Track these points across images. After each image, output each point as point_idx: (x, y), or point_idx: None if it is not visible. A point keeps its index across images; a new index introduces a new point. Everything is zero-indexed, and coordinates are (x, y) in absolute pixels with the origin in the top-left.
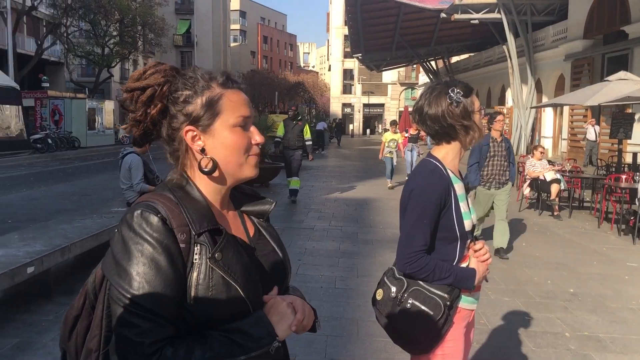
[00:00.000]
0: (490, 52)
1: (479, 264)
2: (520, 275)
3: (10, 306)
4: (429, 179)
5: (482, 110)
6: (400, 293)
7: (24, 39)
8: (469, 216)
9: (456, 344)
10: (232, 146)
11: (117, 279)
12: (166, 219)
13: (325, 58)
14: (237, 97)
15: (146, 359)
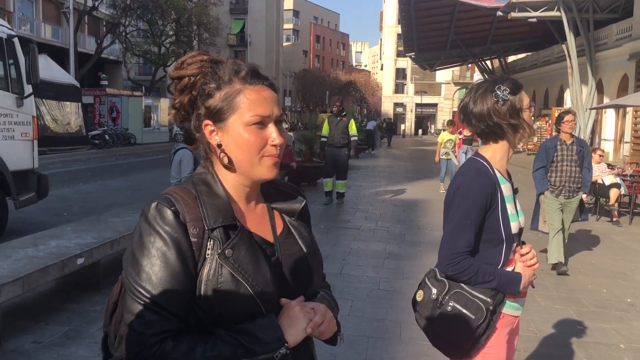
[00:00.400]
0: (548, 51)
1: (525, 268)
2: (574, 283)
3: (61, 296)
4: (475, 178)
5: (532, 107)
6: (442, 295)
7: (85, 38)
8: (516, 218)
9: (498, 350)
10: (243, 145)
11: (129, 269)
12: (179, 213)
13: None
14: (257, 94)
15: (146, 349)
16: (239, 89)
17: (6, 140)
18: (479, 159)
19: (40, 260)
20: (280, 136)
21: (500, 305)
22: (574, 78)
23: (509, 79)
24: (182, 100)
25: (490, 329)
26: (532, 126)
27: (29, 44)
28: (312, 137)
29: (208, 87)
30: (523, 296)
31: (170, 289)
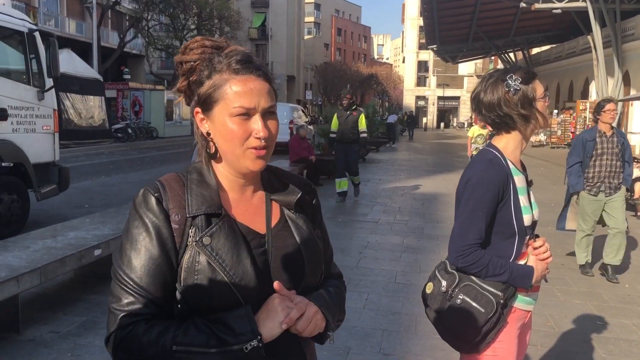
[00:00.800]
0: (573, 43)
1: (537, 262)
2: (594, 278)
3: (79, 286)
4: (487, 169)
5: (547, 97)
6: (451, 288)
7: (108, 32)
8: (529, 211)
9: (509, 345)
10: (227, 136)
11: (115, 253)
12: (162, 200)
13: (400, 50)
14: (243, 85)
15: (119, 330)
16: (226, 78)
17: (27, 133)
18: (491, 149)
19: (58, 251)
20: (265, 128)
21: (511, 299)
22: (599, 70)
23: (521, 68)
24: (182, 84)
25: (500, 323)
26: (546, 117)
27: (50, 38)
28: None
29: (202, 74)
30: (536, 290)
31: (148, 274)
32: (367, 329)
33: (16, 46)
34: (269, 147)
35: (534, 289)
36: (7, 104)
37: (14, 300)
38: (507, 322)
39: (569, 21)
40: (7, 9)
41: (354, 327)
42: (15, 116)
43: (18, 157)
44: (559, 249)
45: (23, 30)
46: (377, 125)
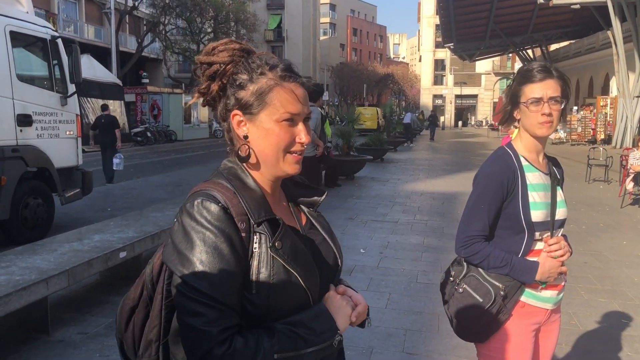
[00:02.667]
0: (592, 38)
1: (547, 259)
2: (619, 275)
3: (105, 288)
4: (493, 164)
5: (538, 104)
6: (459, 278)
7: (126, 37)
8: (541, 207)
9: (518, 339)
10: (272, 140)
11: (180, 268)
12: (227, 208)
13: (416, 49)
14: (291, 92)
15: (215, 347)
16: (273, 84)
17: (51, 138)
18: (505, 146)
19: (84, 253)
20: (307, 135)
21: (516, 293)
22: (620, 65)
23: (532, 69)
24: (211, 87)
25: (503, 315)
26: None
27: (72, 45)
28: (350, 131)
29: (240, 77)
30: (553, 288)
31: (227, 283)
32: (389, 329)
33: (39, 53)
34: (304, 151)
35: (550, 287)
36: (32, 110)
37: (44, 302)
38: (512, 315)
39: (588, 16)
40: (31, 16)
41: (377, 327)
42: (40, 122)
43: (43, 162)
44: (581, 247)
45: (46, 37)
46: (395, 125)
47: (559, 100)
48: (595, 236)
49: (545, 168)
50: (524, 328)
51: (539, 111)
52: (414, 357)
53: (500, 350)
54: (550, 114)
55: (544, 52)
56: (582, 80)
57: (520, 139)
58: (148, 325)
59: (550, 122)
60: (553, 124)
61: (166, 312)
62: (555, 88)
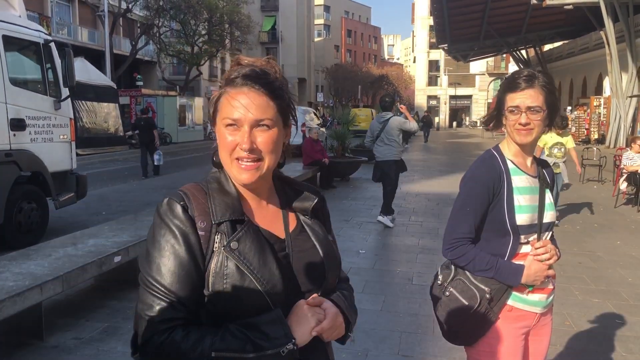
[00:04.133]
0: (586, 38)
1: (533, 262)
2: (613, 276)
3: (100, 293)
4: (478, 167)
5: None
6: (447, 282)
7: (120, 40)
8: (526, 211)
9: (506, 343)
10: (220, 144)
11: (142, 261)
12: (187, 207)
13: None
14: (233, 97)
15: (155, 335)
16: (223, 90)
17: (45, 142)
18: (492, 149)
19: (79, 258)
20: (249, 140)
21: (503, 296)
22: (613, 65)
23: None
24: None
25: (490, 319)
26: (511, 130)
27: (65, 48)
28: (345, 132)
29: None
30: (540, 292)
31: (179, 279)
32: (384, 331)
33: (32, 57)
34: (261, 159)
35: (538, 290)
36: (25, 114)
37: (38, 308)
38: (499, 319)
39: (581, 17)
40: (24, 20)
41: (372, 330)
42: (33, 126)
43: (36, 166)
44: (575, 248)
45: (39, 41)
46: None
47: (539, 110)
48: (590, 236)
49: (534, 171)
50: (513, 332)
51: (516, 120)
52: (410, 359)
53: (490, 354)
54: (528, 123)
55: (537, 53)
56: (576, 80)
57: (508, 143)
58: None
59: (528, 130)
60: (533, 131)
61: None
62: (535, 97)
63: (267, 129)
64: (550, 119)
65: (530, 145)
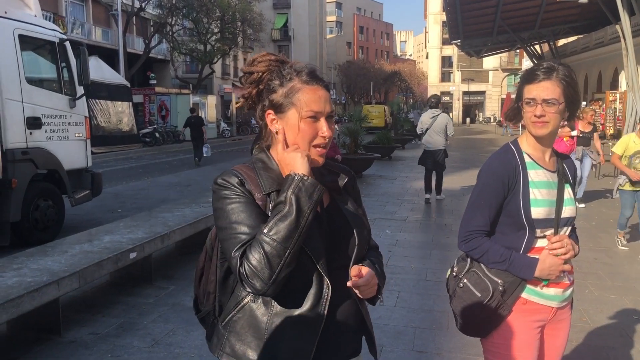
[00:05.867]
0: (601, 32)
1: (548, 256)
2: (630, 271)
3: (116, 289)
4: (493, 161)
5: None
6: (462, 274)
7: (133, 38)
8: (542, 204)
9: (520, 336)
10: (299, 134)
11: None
12: (244, 182)
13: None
14: (313, 93)
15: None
16: (299, 87)
17: (61, 140)
18: (510, 143)
19: (95, 255)
20: (329, 129)
21: (516, 289)
22: (629, 59)
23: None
24: (251, 92)
25: (503, 311)
26: (528, 122)
27: (80, 47)
28: (357, 129)
29: (273, 83)
30: (555, 286)
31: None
32: (399, 327)
33: (48, 56)
34: (328, 144)
35: (553, 285)
36: (41, 113)
37: (55, 303)
38: (513, 311)
39: (595, 11)
40: (39, 20)
41: (387, 325)
42: (49, 124)
43: (52, 164)
44: (591, 243)
45: (54, 40)
46: (402, 122)
47: (554, 102)
48: (605, 232)
49: (553, 166)
50: (527, 325)
51: (532, 112)
52: (424, 354)
53: (504, 346)
54: (543, 115)
55: (551, 48)
56: (591, 75)
57: (526, 137)
58: (207, 279)
59: (543, 122)
60: (549, 124)
61: (219, 270)
62: (552, 90)
63: (332, 119)
64: (570, 112)
65: (548, 139)
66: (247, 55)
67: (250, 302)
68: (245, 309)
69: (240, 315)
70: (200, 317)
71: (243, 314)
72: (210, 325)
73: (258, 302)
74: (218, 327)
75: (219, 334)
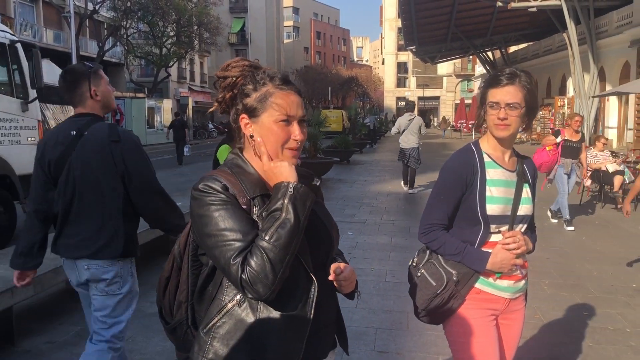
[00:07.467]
0: (549, 40)
1: (501, 251)
2: (580, 270)
3: (73, 296)
4: (454, 159)
5: (495, 108)
6: (421, 264)
7: (87, 41)
8: (497, 202)
9: (476, 322)
10: (271, 137)
11: (204, 238)
12: (228, 187)
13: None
14: (286, 97)
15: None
16: (272, 92)
17: (12, 145)
18: (472, 143)
19: (50, 261)
20: (301, 133)
21: (470, 280)
22: (575, 66)
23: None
24: (225, 96)
25: (456, 300)
26: (490, 125)
27: (32, 49)
28: (316, 133)
29: (246, 87)
30: (508, 279)
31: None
32: (360, 328)
33: None
34: (300, 148)
35: (506, 277)
36: None
37: (9, 312)
38: (467, 301)
39: (544, 19)
40: None
41: (348, 327)
42: (0, 128)
43: (3, 169)
44: (543, 244)
45: (4, 41)
46: (360, 127)
47: (517, 106)
48: (557, 232)
49: (512, 166)
50: (481, 312)
51: (495, 115)
52: (385, 355)
53: (462, 334)
54: (506, 118)
55: (503, 54)
56: (541, 81)
57: (488, 138)
58: (179, 289)
59: (506, 125)
60: (510, 127)
61: (192, 278)
62: (514, 94)
63: (304, 123)
64: (529, 117)
65: (508, 140)
66: (203, 59)
67: (236, 307)
68: (230, 314)
69: (225, 320)
70: (172, 328)
71: (228, 318)
72: (184, 334)
73: (244, 306)
74: (199, 335)
75: (201, 340)
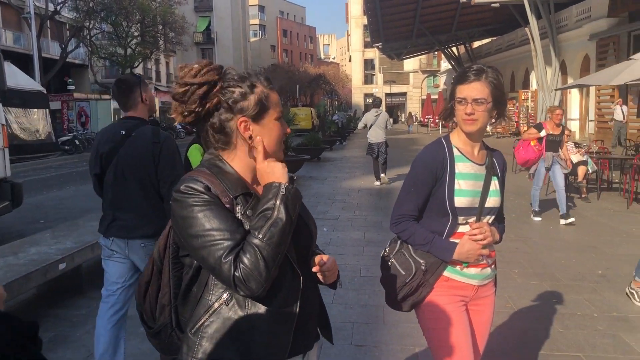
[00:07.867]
0: (512, 35)
1: (468, 241)
2: (548, 259)
3: (45, 302)
4: (425, 152)
5: (463, 103)
6: (391, 254)
7: (49, 43)
8: (466, 194)
9: (446, 307)
10: (275, 136)
11: (190, 241)
12: (210, 187)
13: (346, 49)
14: (276, 95)
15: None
16: (267, 92)
17: None
18: (442, 137)
19: (21, 267)
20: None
21: (438, 269)
22: (538, 60)
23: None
24: (206, 105)
25: (425, 288)
26: (459, 119)
27: None
28: None
29: (235, 91)
30: (476, 267)
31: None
32: (337, 323)
33: None
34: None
35: (473, 266)
36: None
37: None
38: (436, 288)
39: (507, 14)
40: None
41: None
42: None
43: None
44: (512, 234)
45: None
46: (329, 124)
47: (483, 102)
48: (525, 223)
49: (481, 159)
50: (450, 298)
51: (463, 110)
52: (362, 348)
53: (434, 320)
54: (473, 113)
55: (467, 50)
56: (505, 75)
57: (457, 133)
58: (161, 292)
59: (473, 120)
60: (477, 121)
61: (174, 280)
62: (480, 90)
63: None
64: (497, 111)
65: (477, 134)
66: (169, 59)
67: (223, 306)
68: (217, 313)
69: (213, 320)
70: (155, 332)
71: (216, 317)
72: (168, 337)
73: (231, 304)
74: (187, 336)
75: (189, 341)
